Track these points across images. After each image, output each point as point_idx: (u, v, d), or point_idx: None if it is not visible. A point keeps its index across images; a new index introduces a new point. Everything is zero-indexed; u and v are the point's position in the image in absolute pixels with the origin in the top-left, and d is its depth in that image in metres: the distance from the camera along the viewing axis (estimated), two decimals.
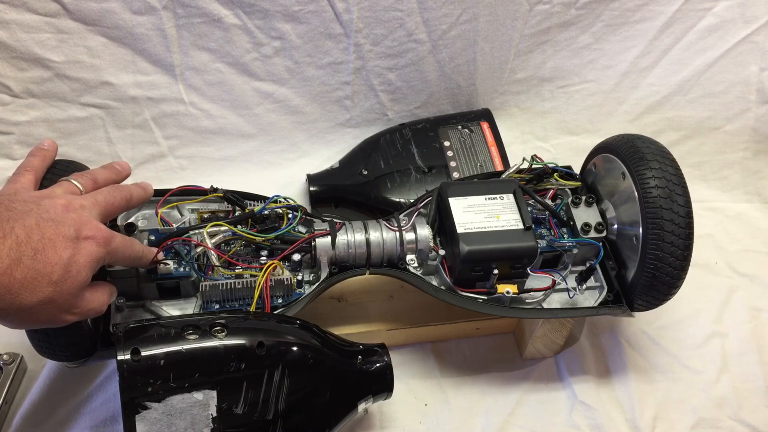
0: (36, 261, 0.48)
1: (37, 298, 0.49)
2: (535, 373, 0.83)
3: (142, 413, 0.55)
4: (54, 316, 0.52)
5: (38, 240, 0.49)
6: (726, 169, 1.08)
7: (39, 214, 0.51)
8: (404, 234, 0.73)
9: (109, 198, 0.59)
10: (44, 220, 0.51)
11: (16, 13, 0.81)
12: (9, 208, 0.50)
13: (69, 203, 0.54)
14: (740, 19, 0.99)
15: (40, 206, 0.52)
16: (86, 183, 0.60)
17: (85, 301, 0.54)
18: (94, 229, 0.54)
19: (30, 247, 0.48)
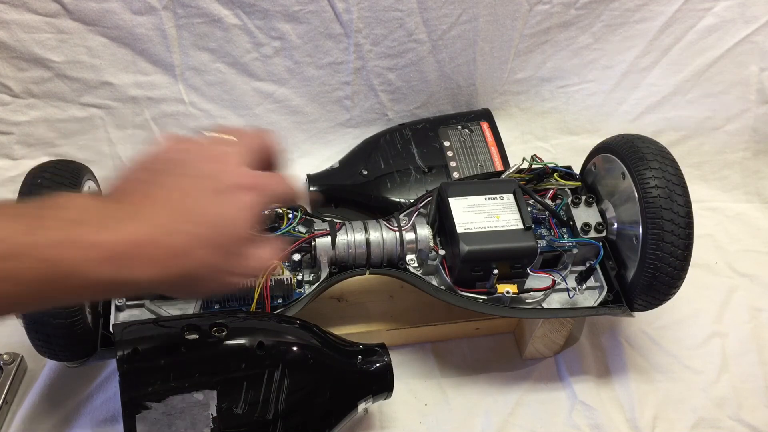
0: (187, 222, 0.44)
1: (196, 263, 0.44)
2: (535, 373, 0.83)
3: (143, 413, 0.55)
4: (219, 280, 0.47)
5: (182, 194, 0.45)
6: (726, 169, 1.08)
7: (183, 172, 0.46)
8: (404, 234, 0.73)
9: (254, 141, 0.52)
10: (188, 176, 0.46)
11: (16, 13, 0.81)
12: (152, 171, 0.46)
13: (215, 155, 0.49)
14: (740, 19, 0.99)
15: (185, 164, 0.47)
16: (231, 131, 0.53)
17: (249, 259, 0.48)
18: (240, 176, 0.48)
19: (175, 210, 0.44)
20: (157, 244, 0.42)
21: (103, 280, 0.40)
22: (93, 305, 0.66)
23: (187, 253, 0.43)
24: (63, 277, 0.39)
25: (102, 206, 0.43)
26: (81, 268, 0.39)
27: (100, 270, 0.40)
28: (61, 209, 0.41)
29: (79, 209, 0.41)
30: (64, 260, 0.38)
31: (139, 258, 0.41)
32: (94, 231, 0.40)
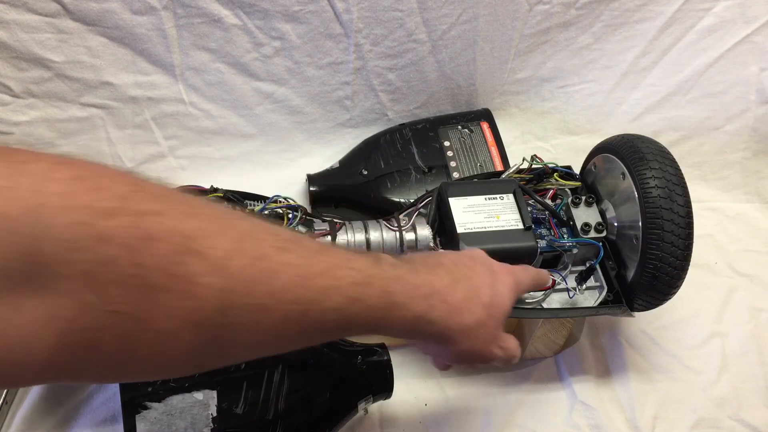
0: (468, 283, 0.51)
1: (474, 318, 0.50)
2: (535, 373, 0.83)
3: (143, 413, 0.55)
4: (486, 345, 0.53)
5: (463, 268, 0.52)
6: (726, 169, 1.08)
7: (455, 254, 0.56)
8: (404, 234, 0.73)
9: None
10: (461, 255, 0.55)
11: (16, 13, 0.81)
12: (429, 253, 0.56)
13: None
14: (740, 19, 0.99)
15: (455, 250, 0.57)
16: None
17: (506, 338, 0.56)
18: (499, 264, 0.57)
19: (460, 272, 0.51)
20: (452, 294, 0.49)
21: (416, 316, 0.46)
22: None
23: (470, 309, 0.50)
24: (394, 308, 0.45)
25: (405, 260, 0.50)
26: (406, 302, 0.46)
27: (416, 305, 0.46)
28: (381, 255, 0.48)
29: (390, 258, 0.48)
30: (396, 293, 0.45)
31: (440, 302, 0.48)
32: (411, 274, 0.47)
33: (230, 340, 0.37)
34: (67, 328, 0.31)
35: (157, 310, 0.33)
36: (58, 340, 0.31)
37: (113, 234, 0.31)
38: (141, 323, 0.33)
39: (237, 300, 0.36)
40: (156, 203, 0.34)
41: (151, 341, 0.34)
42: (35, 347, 0.31)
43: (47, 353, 0.31)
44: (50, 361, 0.32)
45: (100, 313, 0.32)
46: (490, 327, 0.52)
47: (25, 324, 0.30)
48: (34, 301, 0.30)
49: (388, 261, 0.47)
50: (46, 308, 0.30)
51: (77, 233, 0.30)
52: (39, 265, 0.30)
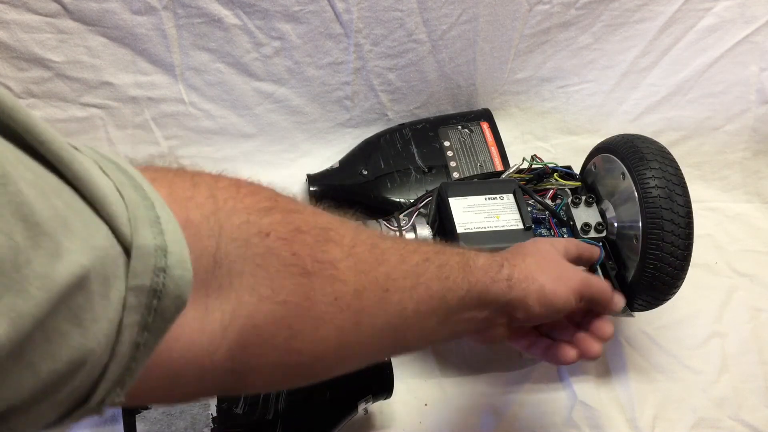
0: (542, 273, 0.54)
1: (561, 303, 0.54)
2: (535, 373, 0.83)
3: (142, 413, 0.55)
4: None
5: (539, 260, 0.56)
6: (726, 169, 1.08)
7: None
8: (404, 234, 0.73)
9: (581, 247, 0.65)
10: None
11: (16, 13, 0.81)
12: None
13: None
14: (740, 19, 0.99)
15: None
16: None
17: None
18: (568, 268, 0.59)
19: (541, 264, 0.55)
20: (527, 276, 0.52)
21: (499, 297, 0.49)
22: None
23: (543, 288, 0.52)
24: (479, 293, 0.48)
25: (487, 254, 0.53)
26: (490, 286, 0.49)
27: (498, 288, 0.49)
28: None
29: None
30: (479, 282, 0.48)
31: (518, 283, 0.51)
32: (497, 269, 0.50)
33: (367, 325, 0.40)
34: (247, 324, 0.33)
35: (314, 295, 0.36)
36: (238, 338, 0.33)
37: (272, 228, 0.35)
38: (302, 311, 0.36)
39: (367, 282, 0.40)
40: (293, 203, 0.39)
41: (308, 330, 0.37)
42: (218, 348, 0.32)
43: (228, 354, 0.32)
44: (230, 362, 0.33)
45: (273, 305, 0.34)
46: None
47: (211, 325, 0.32)
48: (218, 301, 0.32)
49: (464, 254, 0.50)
50: (230, 306, 0.32)
51: (245, 231, 0.34)
52: (220, 265, 0.32)
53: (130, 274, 0.26)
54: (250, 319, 0.33)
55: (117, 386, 0.27)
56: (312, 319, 0.37)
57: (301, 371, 0.39)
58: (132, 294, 0.26)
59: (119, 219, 0.26)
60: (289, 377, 0.40)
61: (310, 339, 0.37)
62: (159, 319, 0.27)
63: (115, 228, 0.26)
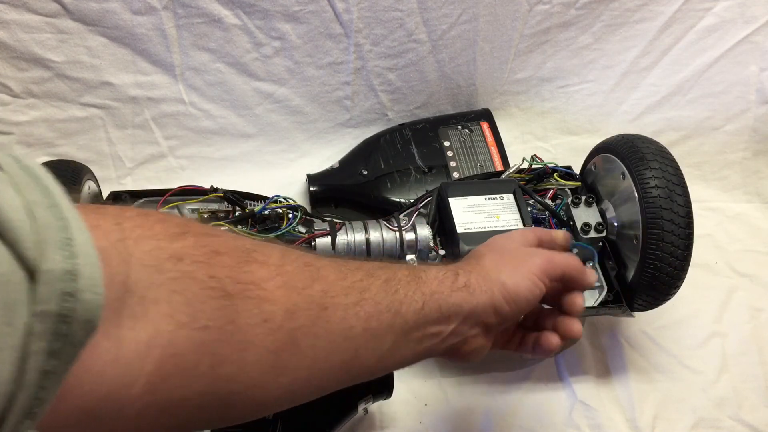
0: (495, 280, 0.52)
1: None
2: (535, 373, 0.83)
3: None
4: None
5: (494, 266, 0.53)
6: (726, 169, 1.08)
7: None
8: (404, 234, 0.73)
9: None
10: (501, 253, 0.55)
11: (16, 13, 0.81)
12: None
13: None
14: (740, 19, 0.99)
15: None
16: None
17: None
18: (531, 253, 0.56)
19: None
20: (485, 278, 0.49)
21: (462, 306, 0.47)
22: None
23: (505, 285, 0.50)
24: (438, 305, 0.46)
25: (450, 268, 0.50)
26: (448, 297, 0.46)
27: (458, 296, 0.47)
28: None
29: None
30: (435, 293, 0.46)
31: (478, 288, 0.48)
32: (452, 278, 0.48)
33: (306, 346, 0.38)
34: (165, 354, 0.32)
35: (238, 318, 0.35)
36: (157, 369, 0.31)
37: (185, 252, 0.34)
38: (227, 335, 0.34)
39: (300, 300, 0.38)
40: (209, 229, 0.37)
41: (235, 355, 0.35)
42: (135, 381, 0.31)
43: (147, 387, 0.31)
44: (151, 395, 0.31)
45: (193, 331, 0.33)
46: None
47: (126, 356, 0.30)
48: (132, 331, 0.31)
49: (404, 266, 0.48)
50: (146, 335, 0.31)
51: (156, 257, 0.32)
52: (132, 293, 0.31)
53: (36, 300, 0.25)
54: (168, 347, 0.32)
55: (26, 418, 0.25)
56: (239, 342, 0.34)
57: (238, 401, 0.36)
58: (37, 320, 0.25)
59: (23, 243, 0.25)
60: (227, 409, 0.36)
61: (240, 364, 0.35)
62: (68, 345, 0.26)
63: (19, 252, 0.25)
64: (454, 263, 0.51)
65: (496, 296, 0.49)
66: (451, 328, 0.47)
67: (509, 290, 0.49)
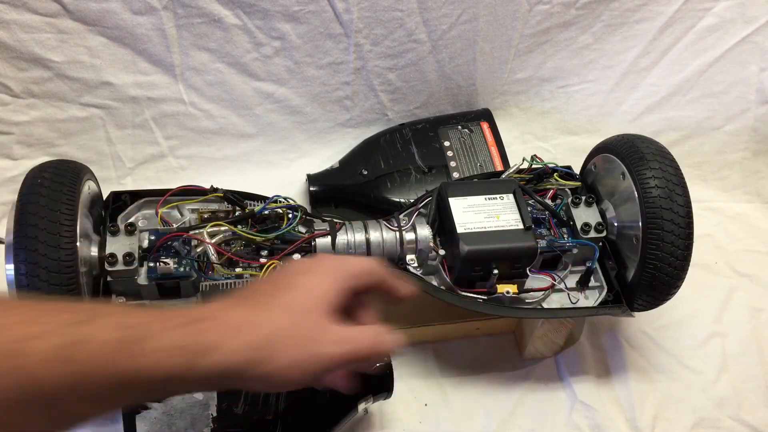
0: (257, 297, 0.43)
1: (271, 328, 0.41)
2: (535, 373, 0.83)
3: (143, 413, 0.55)
4: (311, 348, 0.42)
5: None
6: (726, 169, 1.08)
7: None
8: (404, 234, 0.73)
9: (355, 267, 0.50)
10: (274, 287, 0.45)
11: (16, 13, 0.81)
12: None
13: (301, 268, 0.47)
14: (740, 19, 0.99)
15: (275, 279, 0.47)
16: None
17: (349, 329, 0.45)
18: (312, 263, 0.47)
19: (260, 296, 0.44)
20: (231, 314, 0.41)
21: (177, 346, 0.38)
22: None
23: (260, 321, 0.41)
24: (130, 358, 0.37)
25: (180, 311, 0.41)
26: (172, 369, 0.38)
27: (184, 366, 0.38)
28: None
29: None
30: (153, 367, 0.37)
31: (211, 328, 0.39)
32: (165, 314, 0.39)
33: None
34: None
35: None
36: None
37: None
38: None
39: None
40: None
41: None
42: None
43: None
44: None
45: None
46: (308, 325, 0.42)
47: None
48: None
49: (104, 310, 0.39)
50: None
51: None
52: None
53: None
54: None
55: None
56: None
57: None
58: None
59: None
60: None
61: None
62: None
63: None
64: (202, 320, 0.39)
65: (246, 379, 0.40)
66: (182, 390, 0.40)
67: (271, 381, 0.40)
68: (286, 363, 0.41)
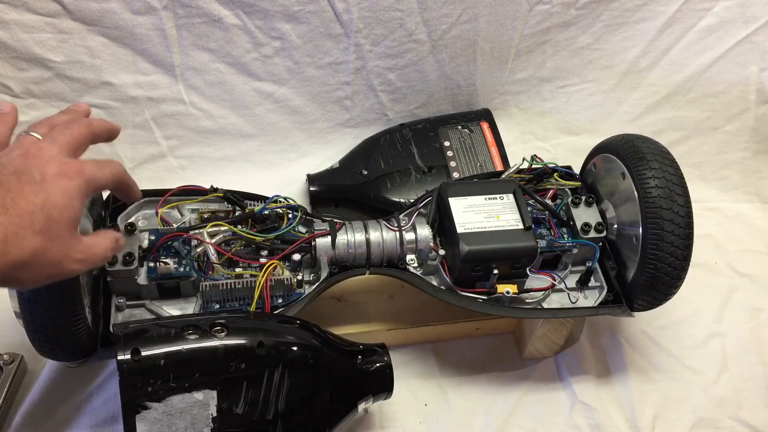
0: (10, 215, 0.46)
1: (27, 250, 0.46)
2: (535, 373, 0.83)
3: (143, 413, 0.55)
4: (58, 267, 0.49)
5: (4, 196, 0.47)
6: (726, 169, 1.08)
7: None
8: (404, 234, 0.73)
9: (67, 132, 0.55)
10: (5, 175, 0.48)
11: (16, 13, 0.81)
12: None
13: (26, 151, 0.52)
14: (740, 19, 0.99)
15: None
16: (42, 129, 0.56)
17: (85, 246, 0.52)
18: (58, 165, 0.51)
19: (3, 202, 0.46)
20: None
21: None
22: (93, 305, 0.66)
23: (19, 243, 0.46)
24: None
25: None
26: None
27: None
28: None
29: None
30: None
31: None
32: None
33: None
34: None
35: None
36: None
37: None
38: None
39: None
40: None
41: None
42: None
43: None
44: None
45: None
46: (55, 248, 0.48)
47: None
48: None
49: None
50: None
51: None
52: None
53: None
54: None
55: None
56: None
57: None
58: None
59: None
60: None
61: None
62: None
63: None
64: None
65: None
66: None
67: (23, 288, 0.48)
68: (36, 280, 0.49)
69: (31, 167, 0.50)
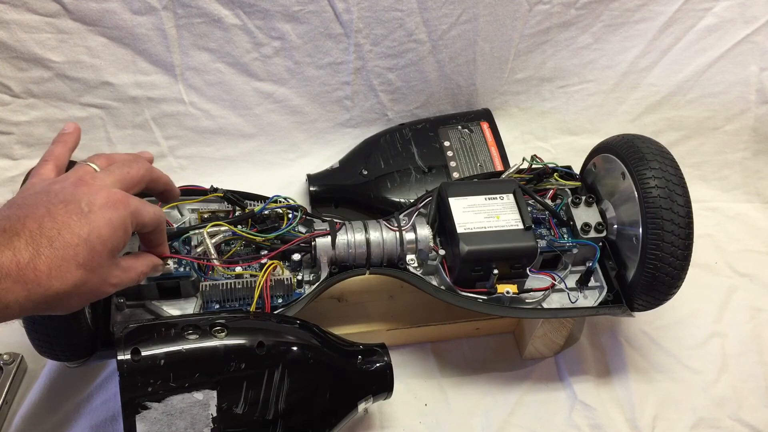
0: (55, 248, 0.47)
1: (69, 282, 0.47)
2: (535, 373, 0.83)
3: (143, 413, 0.55)
4: (95, 293, 0.51)
5: (51, 227, 0.47)
6: (726, 169, 1.08)
7: (48, 201, 0.49)
8: (404, 234, 0.73)
9: (125, 169, 0.56)
10: (54, 204, 0.49)
11: (16, 13, 0.81)
12: (21, 205, 0.49)
13: (79, 178, 0.52)
14: (740, 19, 0.99)
15: (50, 193, 0.50)
16: (102, 162, 0.57)
17: (122, 269, 0.54)
18: (106, 195, 0.51)
19: (45, 237, 0.47)
20: (34, 268, 0.46)
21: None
22: (93, 305, 0.66)
23: (62, 276, 0.47)
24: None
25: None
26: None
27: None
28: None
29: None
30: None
31: (15, 283, 0.45)
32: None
33: None
34: None
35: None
36: None
37: None
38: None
39: None
40: None
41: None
42: None
43: None
44: None
45: None
46: (96, 278, 0.50)
47: None
48: None
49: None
50: None
51: None
52: None
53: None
54: None
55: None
56: None
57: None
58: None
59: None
60: None
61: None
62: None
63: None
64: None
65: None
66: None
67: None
68: (73, 307, 0.51)
69: (81, 197, 0.50)
